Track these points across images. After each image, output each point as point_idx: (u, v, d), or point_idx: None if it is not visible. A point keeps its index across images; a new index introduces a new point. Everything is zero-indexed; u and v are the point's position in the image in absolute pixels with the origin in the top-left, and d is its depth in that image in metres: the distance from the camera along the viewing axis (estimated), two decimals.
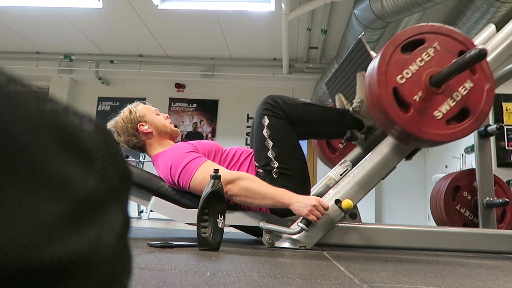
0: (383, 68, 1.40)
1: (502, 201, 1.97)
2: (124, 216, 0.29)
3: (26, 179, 0.21)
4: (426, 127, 1.40)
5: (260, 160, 1.59)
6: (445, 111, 1.41)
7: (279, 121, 1.59)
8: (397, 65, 1.41)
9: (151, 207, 1.56)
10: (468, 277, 0.83)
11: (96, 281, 0.24)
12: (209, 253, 1.08)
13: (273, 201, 1.41)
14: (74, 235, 0.23)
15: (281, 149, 1.57)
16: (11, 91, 0.23)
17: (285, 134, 1.59)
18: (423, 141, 1.43)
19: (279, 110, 1.59)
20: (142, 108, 1.71)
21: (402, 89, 1.40)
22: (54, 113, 0.25)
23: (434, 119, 1.41)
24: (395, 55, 1.42)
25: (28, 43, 5.97)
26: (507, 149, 4.79)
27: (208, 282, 0.59)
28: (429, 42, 1.44)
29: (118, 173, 0.28)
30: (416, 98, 1.40)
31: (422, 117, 1.40)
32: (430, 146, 1.56)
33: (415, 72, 1.41)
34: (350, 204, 1.41)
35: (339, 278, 0.71)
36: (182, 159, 1.49)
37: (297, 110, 1.63)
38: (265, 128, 1.58)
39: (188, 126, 6.52)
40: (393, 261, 1.12)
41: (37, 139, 0.22)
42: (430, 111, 1.41)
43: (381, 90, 1.38)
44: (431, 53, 1.43)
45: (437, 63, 1.42)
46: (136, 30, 5.36)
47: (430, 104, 1.41)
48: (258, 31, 5.27)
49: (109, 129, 0.29)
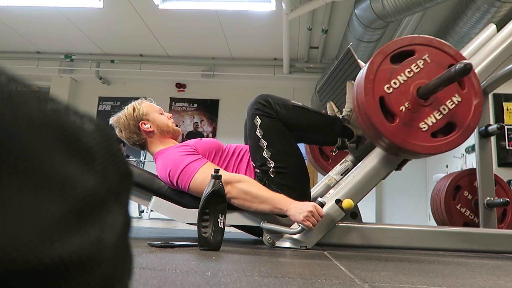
0: (371, 76, 1.39)
1: (503, 201, 1.97)
2: (124, 216, 0.28)
3: (26, 178, 0.21)
4: (411, 138, 1.38)
5: (256, 161, 1.59)
6: (431, 124, 1.40)
7: (271, 121, 1.57)
8: (385, 74, 1.40)
9: (151, 207, 1.56)
10: (469, 277, 0.83)
11: (97, 280, 0.24)
12: (209, 253, 1.08)
13: (271, 206, 1.41)
14: (74, 235, 0.23)
15: (276, 148, 1.56)
16: (12, 91, 0.23)
17: (278, 132, 1.58)
18: (407, 152, 1.42)
19: (271, 110, 1.58)
20: (146, 106, 1.71)
21: (389, 98, 1.39)
22: (55, 112, 0.25)
23: (420, 131, 1.39)
24: (384, 65, 1.41)
25: (29, 42, 5.97)
26: (508, 148, 4.78)
27: (209, 282, 0.59)
28: (419, 53, 1.43)
29: (118, 173, 0.28)
30: (403, 109, 1.39)
31: (407, 128, 1.38)
32: (416, 158, 1.55)
33: (403, 82, 1.40)
34: (350, 204, 1.41)
35: (339, 277, 0.71)
36: (181, 160, 1.49)
37: (288, 112, 1.60)
38: (257, 128, 1.57)
39: (189, 126, 6.52)
40: (393, 261, 1.12)
41: (37, 139, 0.22)
42: (416, 122, 1.39)
43: (367, 99, 1.37)
44: (420, 64, 1.42)
45: (426, 75, 1.41)
46: (137, 30, 5.37)
47: (416, 115, 1.39)
48: (258, 31, 5.27)
49: (110, 129, 0.29)
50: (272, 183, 1.54)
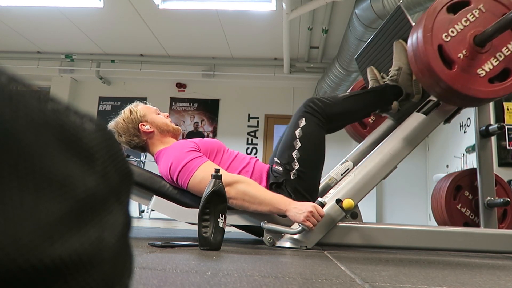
0: (430, 26, 1.45)
1: (503, 201, 1.97)
2: (125, 215, 0.29)
3: (27, 178, 0.21)
4: (470, 83, 1.44)
5: (282, 158, 1.59)
6: (488, 70, 1.46)
7: (315, 128, 1.60)
8: (443, 23, 1.47)
9: (152, 207, 1.56)
10: (469, 277, 0.83)
11: (97, 280, 0.24)
12: (210, 252, 1.08)
13: (270, 207, 1.41)
14: (75, 235, 0.23)
15: (306, 154, 1.58)
16: (12, 91, 0.23)
17: (315, 141, 1.61)
18: (466, 97, 1.47)
19: (320, 113, 1.62)
20: (143, 108, 1.71)
21: (447, 46, 1.45)
22: (55, 112, 0.25)
23: (477, 77, 1.45)
24: (441, 15, 1.47)
25: (29, 42, 5.98)
26: (508, 148, 4.78)
27: (209, 282, 0.59)
28: (474, 3, 1.49)
29: (119, 172, 0.28)
30: (461, 56, 1.45)
31: (465, 74, 1.45)
32: (471, 105, 1.68)
33: (460, 31, 1.47)
34: (351, 204, 1.41)
35: (340, 277, 0.71)
36: (183, 158, 1.48)
37: (341, 107, 1.68)
38: (299, 128, 1.60)
39: (189, 126, 6.52)
40: (394, 261, 1.12)
41: (38, 138, 0.22)
42: (473, 69, 1.45)
43: (427, 47, 1.43)
44: (476, 14, 1.48)
45: (481, 24, 1.47)
46: (137, 29, 5.37)
47: (473, 62, 1.46)
48: (259, 31, 5.27)
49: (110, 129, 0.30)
50: (288, 185, 1.54)
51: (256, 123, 6.51)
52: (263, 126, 6.50)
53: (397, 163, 1.64)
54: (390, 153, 1.62)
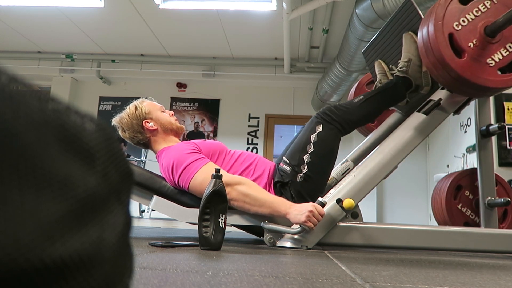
0: (441, 14, 1.47)
1: (504, 200, 1.97)
2: (125, 215, 0.29)
3: (27, 178, 0.21)
4: (479, 72, 1.46)
5: (293, 158, 1.59)
6: (497, 60, 1.48)
7: (332, 137, 1.61)
8: (455, 13, 1.49)
9: (152, 207, 1.56)
10: (470, 277, 0.83)
11: (97, 280, 0.24)
12: (210, 252, 1.08)
13: (271, 210, 1.41)
14: (75, 235, 0.23)
15: (318, 160, 1.57)
16: (13, 91, 0.23)
17: (329, 150, 1.61)
18: (475, 86, 1.48)
19: (339, 122, 1.62)
20: (148, 105, 1.71)
21: (458, 35, 1.47)
22: (56, 112, 0.25)
23: (487, 66, 1.47)
24: (453, 4, 1.49)
25: (30, 42, 5.98)
26: (509, 148, 4.77)
27: (210, 282, 0.59)
28: None
29: (119, 172, 0.28)
30: (471, 45, 1.47)
31: (475, 63, 1.46)
32: (480, 95, 1.69)
33: (471, 21, 1.49)
34: (351, 204, 1.41)
35: (340, 277, 0.71)
36: (184, 159, 1.48)
37: (355, 115, 1.68)
38: (315, 133, 1.60)
39: (190, 126, 6.52)
40: (394, 261, 1.12)
41: (38, 138, 0.22)
42: (483, 58, 1.47)
43: (437, 35, 1.45)
44: (487, 5, 1.51)
45: (493, 15, 1.49)
46: (138, 29, 5.37)
47: (483, 52, 1.47)
48: (259, 31, 5.26)
49: (110, 129, 0.29)
50: (293, 187, 1.54)
51: (257, 123, 6.51)
52: (263, 126, 6.50)
53: (397, 163, 1.64)
54: (391, 153, 1.62)
